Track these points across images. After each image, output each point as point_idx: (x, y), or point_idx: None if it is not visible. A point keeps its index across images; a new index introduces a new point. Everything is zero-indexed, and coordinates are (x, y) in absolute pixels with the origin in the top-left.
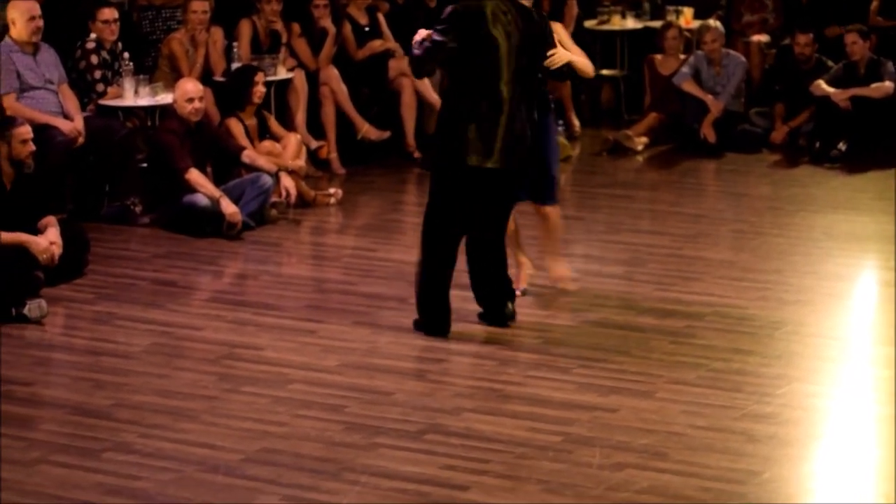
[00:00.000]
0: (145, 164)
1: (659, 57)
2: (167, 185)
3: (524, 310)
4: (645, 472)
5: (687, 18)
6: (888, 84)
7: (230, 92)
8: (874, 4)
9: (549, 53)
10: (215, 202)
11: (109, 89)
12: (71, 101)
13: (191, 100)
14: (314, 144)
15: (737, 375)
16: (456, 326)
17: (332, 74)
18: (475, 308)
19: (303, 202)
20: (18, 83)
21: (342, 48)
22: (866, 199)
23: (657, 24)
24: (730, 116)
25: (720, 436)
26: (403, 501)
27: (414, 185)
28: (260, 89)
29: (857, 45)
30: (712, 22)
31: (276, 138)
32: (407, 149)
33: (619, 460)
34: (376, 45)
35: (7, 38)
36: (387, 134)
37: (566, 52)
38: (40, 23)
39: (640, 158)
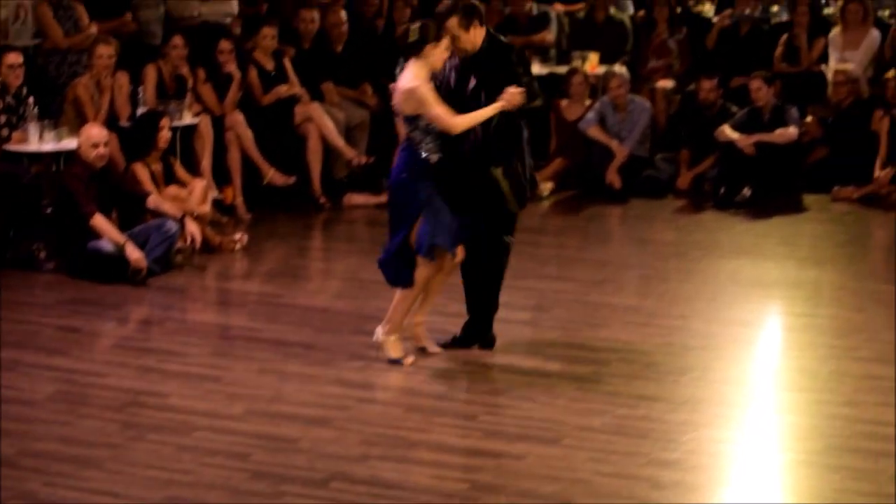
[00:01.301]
0: (50, 210)
1: (564, 102)
2: (72, 231)
3: (428, 355)
4: None
5: (592, 64)
6: (792, 130)
7: (136, 137)
8: (778, 50)
9: None
10: (120, 248)
11: (14, 134)
12: None
13: (96, 145)
14: (218, 195)
15: (643, 422)
16: (362, 373)
17: (237, 119)
18: (381, 354)
19: (208, 248)
20: None
21: (248, 93)
22: (771, 244)
23: (563, 69)
24: (635, 162)
25: (626, 483)
26: None
27: (319, 231)
28: (165, 134)
29: (761, 91)
30: (618, 68)
31: (182, 183)
32: (313, 194)
33: None
34: (282, 90)
35: None
36: (292, 179)
37: None
38: None
39: (545, 204)
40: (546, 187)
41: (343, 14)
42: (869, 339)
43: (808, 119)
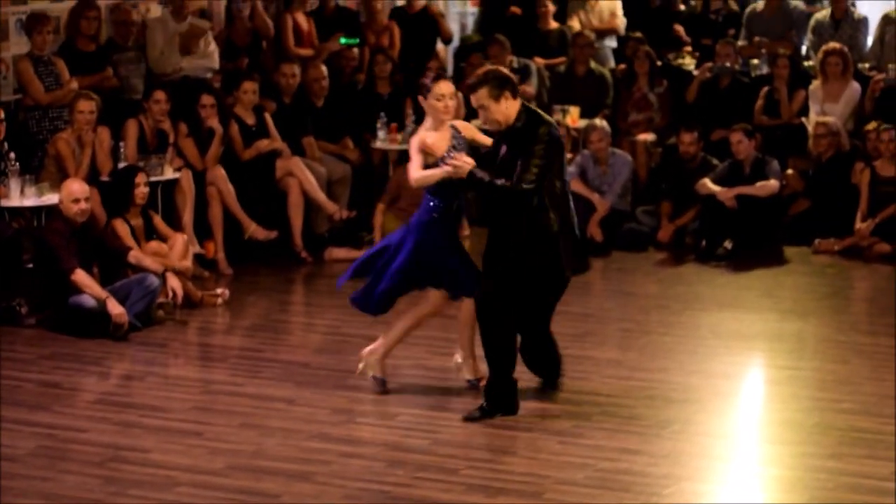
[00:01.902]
0: (31, 265)
1: None
2: (53, 286)
3: (410, 410)
4: None
5: (573, 117)
6: (773, 183)
7: (114, 193)
8: (759, 103)
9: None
10: (102, 303)
11: None
12: None
13: (77, 200)
14: (199, 249)
15: (625, 475)
16: (344, 428)
17: (218, 174)
18: (363, 409)
19: (189, 302)
20: None
21: (229, 148)
22: (752, 297)
23: None
24: (616, 215)
25: None
26: None
27: (301, 286)
28: (142, 190)
29: (742, 144)
30: (598, 121)
31: (163, 238)
32: (294, 248)
33: None
34: (263, 144)
35: None
36: (274, 234)
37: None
38: None
39: None
40: None
41: (324, 69)
42: (853, 391)
43: (789, 172)
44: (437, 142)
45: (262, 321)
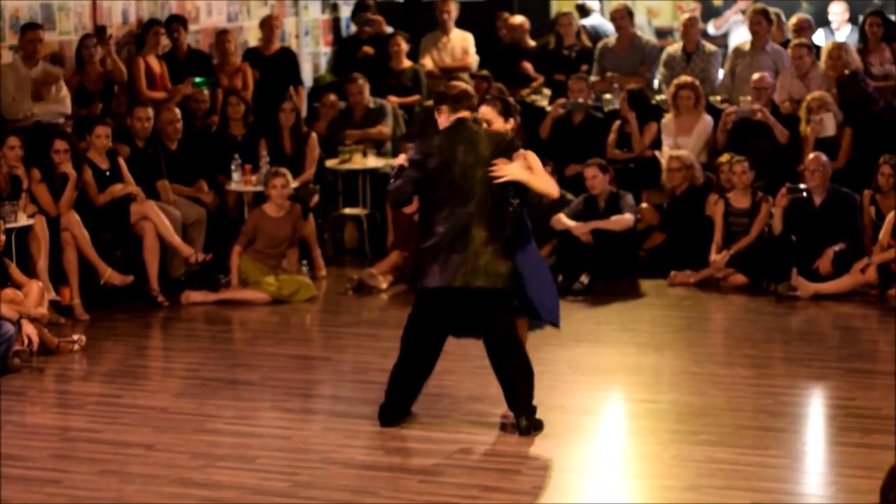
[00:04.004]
0: None
1: None
2: None
3: (270, 452)
4: None
5: None
6: (628, 216)
7: None
8: (611, 137)
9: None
10: None
11: None
12: None
13: None
14: (55, 296)
15: None
16: (204, 473)
17: (73, 220)
18: (222, 452)
19: (46, 350)
20: None
21: (83, 193)
22: (610, 331)
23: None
24: None
25: None
26: None
27: (159, 330)
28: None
29: (596, 179)
30: None
31: (18, 285)
32: (151, 293)
33: None
34: (117, 189)
35: None
36: (130, 278)
37: (511, 168)
38: None
39: (384, 297)
40: (385, 280)
41: (177, 111)
42: (710, 423)
43: (644, 205)
44: None
45: (120, 366)
